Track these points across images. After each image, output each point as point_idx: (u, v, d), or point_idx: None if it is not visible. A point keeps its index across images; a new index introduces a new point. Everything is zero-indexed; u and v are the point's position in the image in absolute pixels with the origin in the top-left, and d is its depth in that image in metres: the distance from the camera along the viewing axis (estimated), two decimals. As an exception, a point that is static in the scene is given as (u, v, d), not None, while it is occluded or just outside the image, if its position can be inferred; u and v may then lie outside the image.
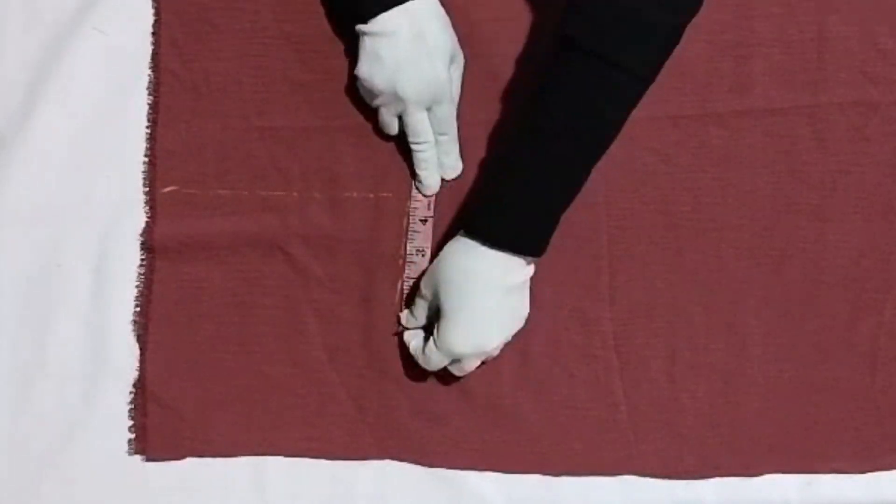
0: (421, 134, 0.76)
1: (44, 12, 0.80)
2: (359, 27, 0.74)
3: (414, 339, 0.75)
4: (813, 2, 0.80)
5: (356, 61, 0.76)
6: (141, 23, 0.80)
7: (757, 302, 0.78)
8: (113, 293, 0.77)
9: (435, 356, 0.72)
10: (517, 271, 0.72)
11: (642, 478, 0.76)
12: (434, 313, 0.73)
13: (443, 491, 0.75)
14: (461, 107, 0.78)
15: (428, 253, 0.77)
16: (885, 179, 0.79)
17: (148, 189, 0.78)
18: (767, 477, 0.76)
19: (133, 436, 0.76)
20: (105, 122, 0.79)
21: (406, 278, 0.77)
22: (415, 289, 0.76)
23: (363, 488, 0.75)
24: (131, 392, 0.76)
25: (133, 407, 0.76)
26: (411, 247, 0.77)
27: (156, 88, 0.79)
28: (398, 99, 0.74)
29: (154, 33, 0.80)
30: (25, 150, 0.78)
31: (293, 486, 0.75)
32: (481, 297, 0.71)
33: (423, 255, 0.77)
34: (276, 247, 0.78)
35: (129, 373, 0.76)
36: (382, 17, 0.73)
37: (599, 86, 0.69)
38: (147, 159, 0.79)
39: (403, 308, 0.77)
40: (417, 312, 0.75)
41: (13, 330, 0.76)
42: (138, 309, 0.77)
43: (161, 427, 0.76)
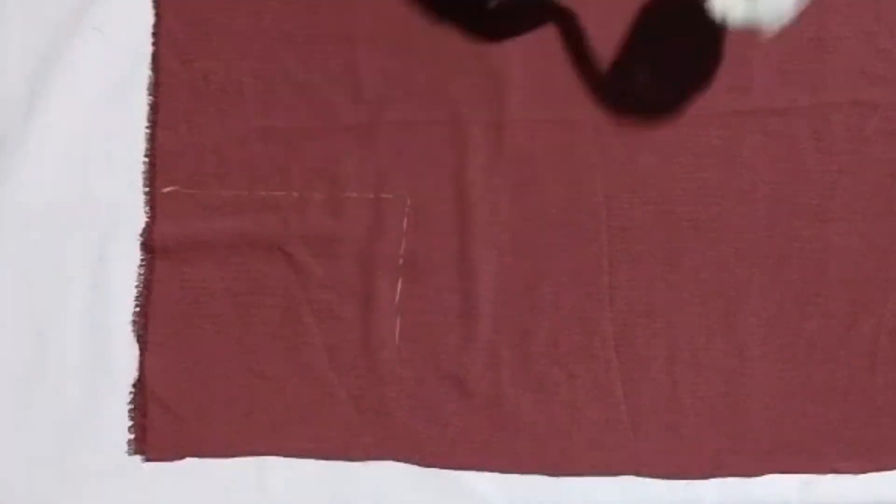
0: None
1: (43, 12, 0.80)
2: None
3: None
4: (813, 2, 0.80)
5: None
6: (141, 23, 0.80)
7: (757, 302, 0.78)
8: (113, 293, 0.77)
9: None
10: None
11: (642, 478, 0.76)
12: None
13: (443, 491, 0.75)
14: None
15: None
16: (885, 179, 0.79)
17: (148, 189, 0.78)
18: (767, 477, 0.76)
19: (133, 436, 0.75)
20: (105, 123, 0.79)
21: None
22: None
23: (363, 488, 0.75)
24: (131, 392, 0.76)
25: (133, 407, 0.76)
26: None
27: (156, 88, 0.79)
28: None
29: (154, 33, 0.80)
30: (25, 150, 0.78)
31: (293, 486, 0.75)
32: None
33: None
34: (276, 247, 0.78)
35: (129, 373, 0.76)
36: None
37: None
38: (147, 159, 0.79)
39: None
40: None
41: (13, 330, 0.76)
42: (138, 309, 0.77)
43: (161, 427, 0.76)
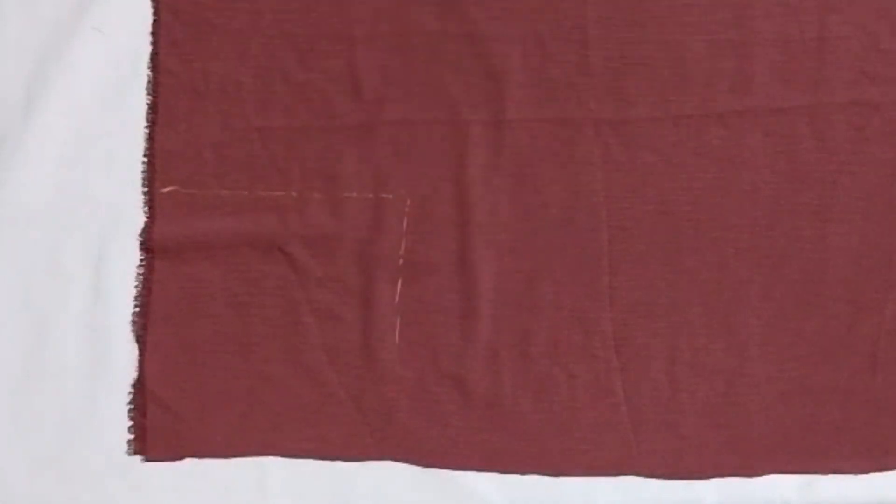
0: None
1: (42, 12, 0.80)
2: None
3: None
4: (813, 2, 0.80)
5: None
6: (140, 23, 0.80)
7: (757, 302, 0.78)
8: (112, 293, 0.77)
9: None
10: None
11: (642, 478, 0.76)
12: None
13: (443, 491, 0.75)
14: None
15: None
16: (885, 179, 0.79)
17: (147, 189, 0.78)
18: (767, 477, 0.76)
19: (132, 436, 0.75)
20: (104, 123, 0.79)
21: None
22: None
23: (363, 488, 0.75)
24: (130, 392, 0.76)
25: (132, 407, 0.76)
26: None
27: (155, 88, 0.79)
28: None
29: (153, 33, 0.80)
30: (25, 151, 0.78)
31: (293, 486, 0.75)
32: None
33: None
34: (276, 247, 0.78)
35: (129, 373, 0.76)
36: None
37: None
38: (146, 159, 0.79)
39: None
40: None
41: (13, 330, 0.76)
42: (137, 309, 0.77)
43: (160, 427, 0.75)
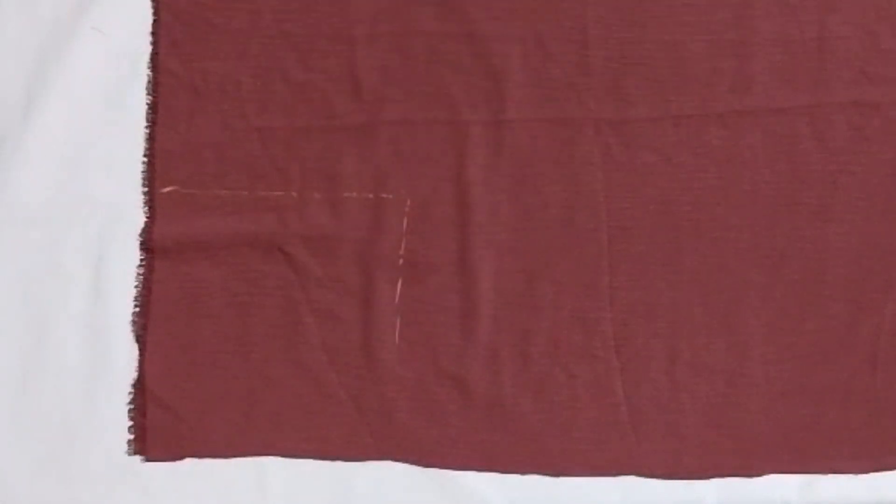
0: None
1: (42, 12, 0.80)
2: None
3: None
4: (813, 2, 0.80)
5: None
6: (140, 23, 0.80)
7: (757, 302, 0.78)
8: (112, 293, 0.77)
9: None
10: None
11: (642, 478, 0.76)
12: None
13: (443, 491, 0.75)
14: None
15: None
16: (886, 179, 0.79)
17: (147, 189, 0.78)
18: (767, 477, 0.76)
19: (132, 436, 0.75)
20: (104, 122, 0.79)
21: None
22: None
23: (363, 488, 0.75)
24: (130, 392, 0.76)
25: (132, 407, 0.76)
26: None
27: (155, 88, 0.79)
28: None
29: (153, 33, 0.80)
30: (25, 150, 0.78)
31: (293, 487, 0.75)
32: None
33: None
34: (276, 247, 0.78)
35: (129, 373, 0.76)
36: None
37: None
38: (146, 159, 0.79)
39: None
40: None
41: (13, 330, 0.76)
42: (137, 309, 0.77)
43: (160, 427, 0.75)
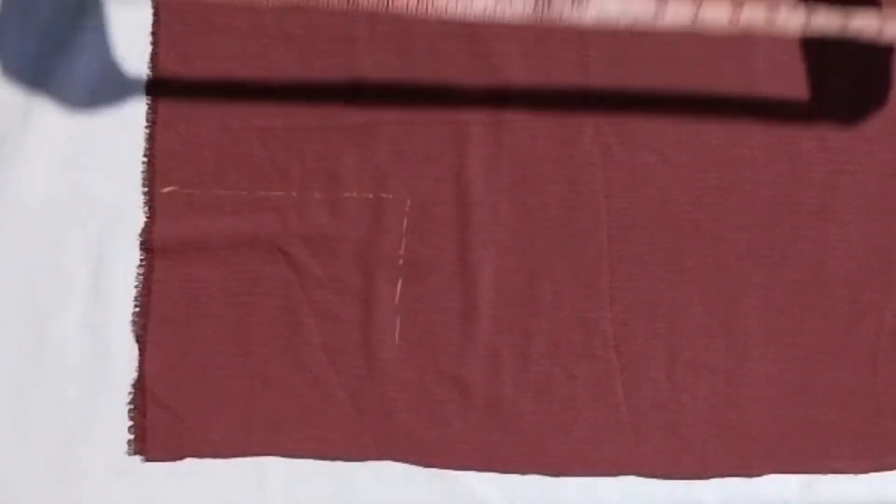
0: None
1: (42, 12, 0.80)
2: None
3: None
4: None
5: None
6: (140, 23, 0.80)
7: (757, 302, 0.78)
8: (112, 293, 0.77)
9: None
10: None
11: (642, 478, 0.76)
12: None
13: (443, 491, 0.75)
14: None
15: None
16: (886, 179, 0.79)
17: (147, 189, 0.78)
18: (767, 477, 0.76)
19: (132, 436, 0.75)
20: (104, 122, 0.79)
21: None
22: None
23: (363, 488, 0.75)
24: (130, 392, 0.76)
25: (132, 407, 0.76)
26: None
27: (155, 88, 0.79)
28: None
29: (153, 33, 0.80)
30: (24, 150, 0.78)
31: (293, 487, 0.75)
32: None
33: None
34: (276, 247, 0.78)
35: (129, 373, 0.76)
36: None
37: None
38: (146, 159, 0.79)
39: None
40: None
41: (13, 330, 0.76)
42: (137, 309, 0.77)
43: (160, 427, 0.75)
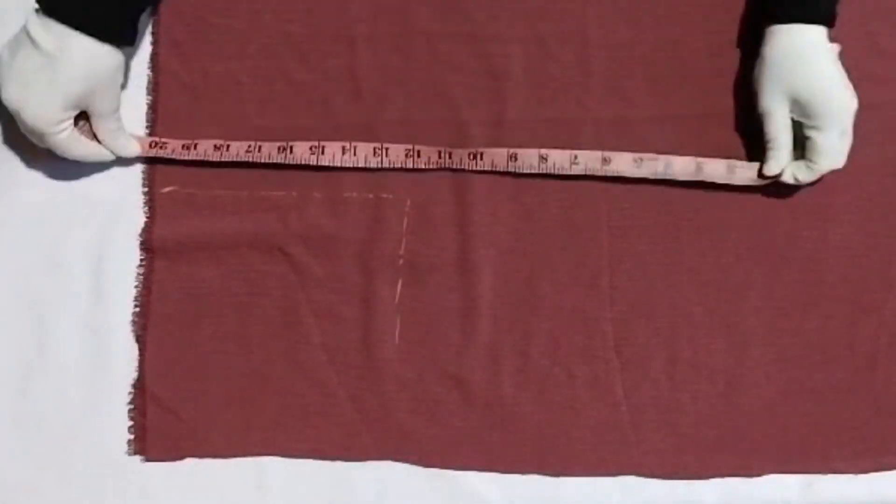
0: None
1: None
2: None
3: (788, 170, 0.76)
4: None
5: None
6: (140, 23, 0.80)
7: (757, 302, 0.78)
8: (112, 293, 0.77)
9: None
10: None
11: (642, 478, 0.76)
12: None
13: (443, 491, 0.75)
14: None
15: None
16: (886, 179, 0.79)
17: (147, 189, 0.78)
18: (767, 477, 0.76)
19: (132, 436, 0.75)
20: (104, 122, 0.79)
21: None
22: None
23: (363, 488, 0.75)
24: (130, 392, 0.76)
25: (132, 407, 0.76)
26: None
27: (155, 88, 0.79)
28: None
29: (153, 33, 0.80)
30: (25, 150, 0.78)
31: (293, 487, 0.75)
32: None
33: None
34: (276, 247, 0.78)
35: (129, 373, 0.76)
36: None
37: None
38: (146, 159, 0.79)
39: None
40: (783, 153, 0.75)
41: (13, 330, 0.76)
42: (137, 309, 0.77)
43: (160, 427, 0.75)
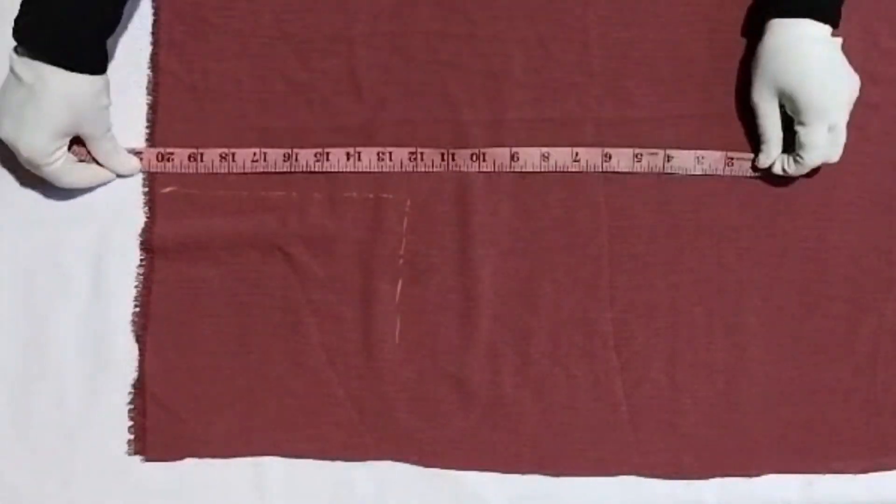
0: None
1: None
2: None
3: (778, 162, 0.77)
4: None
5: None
6: (140, 23, 0.80)
7: (757, 302, 0.78)
8: (112, 293, 0.77)
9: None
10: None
11: (642, 478, 0.76)
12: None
13: (443, 491, 0.75)
14: None
15: None
16: (886, 179, 0.79)
17: (147, 189, 0.78)
18: (767, 477, 0.76)
19: (132, 436, 0.75)
20: (104, 122, 0.79)
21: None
22: None
23: (363, 489, 0.75)
24: (130, 392, 0.76)
25: (132, 407, 0.76)
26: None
27: (155, 88, 0.79)
28: None
29: (153, 33, 0.80)
30: (25, 150, 0.78)
31: (293, 487, 0.75)
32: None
33: None
34: (276, 247, 0.78)
35: (129, 373, 0.76)
36: None
37: None
38: (146, 159, 0.79)
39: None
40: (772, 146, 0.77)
41: (13, 330, 0.76)
42: (137, 309, 0.77)
43: (160, 427, 0.75)
